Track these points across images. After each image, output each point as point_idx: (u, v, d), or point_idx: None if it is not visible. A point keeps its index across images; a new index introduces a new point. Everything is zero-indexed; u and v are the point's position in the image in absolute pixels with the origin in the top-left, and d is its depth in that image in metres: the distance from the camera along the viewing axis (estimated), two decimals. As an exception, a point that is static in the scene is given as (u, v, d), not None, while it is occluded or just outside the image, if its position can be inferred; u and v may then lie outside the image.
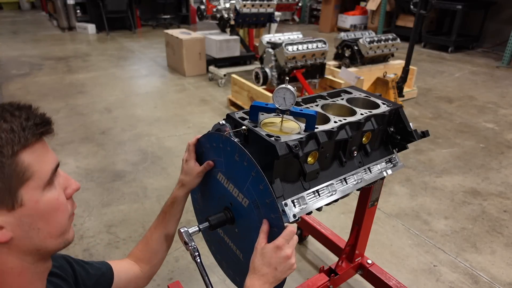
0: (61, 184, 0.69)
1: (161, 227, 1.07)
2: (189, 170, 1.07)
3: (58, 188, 0.68)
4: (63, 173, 0.71)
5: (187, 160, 1.09)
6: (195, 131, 3.53)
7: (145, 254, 1.08)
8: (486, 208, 2.51)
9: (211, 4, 5.05)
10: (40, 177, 0.63)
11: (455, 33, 6.73)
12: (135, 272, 1.06)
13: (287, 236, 0.87)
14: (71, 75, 5.14)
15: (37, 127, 0.63)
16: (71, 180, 0.73)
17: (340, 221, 2.34)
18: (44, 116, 0.65)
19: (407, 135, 1.25)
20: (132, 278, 1.05)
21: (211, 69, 5.05)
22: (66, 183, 0.71)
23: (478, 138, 3.53)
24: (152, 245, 1.08)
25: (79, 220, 2.30)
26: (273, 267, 0.85)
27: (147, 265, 1.08)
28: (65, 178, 0.71)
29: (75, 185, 0.73)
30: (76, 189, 0.73)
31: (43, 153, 0.65)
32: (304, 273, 1.98)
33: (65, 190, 0.70)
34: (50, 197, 0.65)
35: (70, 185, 0.72)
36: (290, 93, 0.97)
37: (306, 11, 9.97)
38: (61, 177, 0.70)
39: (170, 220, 1.07)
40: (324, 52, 3.77)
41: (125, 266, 1.05)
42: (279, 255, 0.85)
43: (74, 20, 8.26)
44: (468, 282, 1.92)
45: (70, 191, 0.71)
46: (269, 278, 0.85)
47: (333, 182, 1.11)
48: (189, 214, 2.35)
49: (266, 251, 0.86)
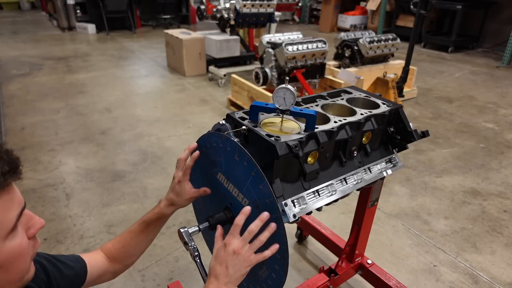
0: (23, 225, 0.64)
1: (142, 236, 1.06)
2: (182, 192, 1.03)
3: (21, 232, 0.62)
4: (26, 211, 0.65)
5: (179, 181, 1.02)
6: (195, 131, 3.53)
7: (120, 255, 1.06)
8: (486, 208, 2.51)
9: (211, 4, 5.05)
10: (2, 228, 0.58)
11: (455, 33, 6.74)
12: (105, 267, 1.05)
13: (233, 230, 0.86)
14: (71, 75, 5.14)
15: (4, 177, 0.56)
16: (35, 218, 0.67)
17: (340, 221, 2.34)
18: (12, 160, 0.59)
19: (407, 135, 1.25)
20: (102, 273, 1.04)
21: (211, 69, 5.05)
22: (29, 222, 0.66)
23: (478, 138, 3.53)
24: (129, 249, 1.06)
25: (79, 220, 2.30)
26: (224, 266, 0.84)
27: (119, 264, 1.08)
28: (29, 217, 0.66)
29: (39, 223, 0.67)
30: (40, 227, 0.68)
31: (8, 200, 0.59)
32: (304, 273, 1.98)
33: (27, 230, 0.65)
34: (12, 246, 0.60)
35: (33, 224, 0.66)
36: (290, 93, 0.97)
37: (306, 11, 9.98)
38: (24, 217, 0.64)
39: (152, 231, 1.06)
40: (324, 52, 3.77)
41: (98, 262, 1.03)
42: (227, 252, 0.84)
43: (74, 20, 8.26)
44: (468, 282, 1.92)
45: (33, 231, 0.66)
46: (222, 278, 0.83)
47: (333, 182, 1.11)
48: (189, 214, 2.35)
49: (216, 252, 0.86)
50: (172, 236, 2.18)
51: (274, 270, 0.96)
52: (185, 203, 1.05)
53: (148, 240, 1.08)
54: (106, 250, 1.07)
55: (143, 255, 1.12)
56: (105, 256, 1.06)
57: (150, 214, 1.05)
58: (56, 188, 2.61)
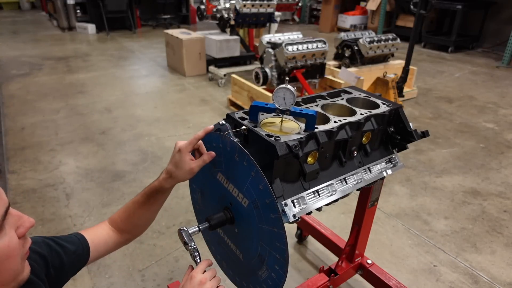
0: (12, 224, 0.63)
1: (145, 208, 1.03)
2: (181, 162, 0.95)
3: (9, 231, 0.61)
4: (14, 211, 0.64)
5: (180, 150, 0.95)
6: (195, 131, 3.51)
7: (126, 226, 1.06)
8: (486, 208, 2.51)
9: (211, 4, 5.05)
10: None
11: (455, 33, 6.73)
12: (112, 240, 1.05)
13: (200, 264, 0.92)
14: (71, 75, 5.14)
15: None
16: (24, 217, 0.66)
17: (340, 221, 2.34)
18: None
19: (407, 135, 1.25)
20: (110, 246, 1.04)
21: (211, 69, 5.05)
22: (18, 222, 0.65)
23: (478, 138, 3.53)
24: (135, 220, 1.05)
25: (79, 220, 2.30)
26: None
27: (128, 234, 1.08)
28: (17, 217, 0.65)
29: (28, 222, 0.66)
30: (30, 226, 0.67)
31: None
32: (304, 273, 1.98)
33: (17, 230, 0.64)
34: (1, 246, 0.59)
35: (22, 223, 0.65)
36: (290, 93, 0.97)
37: (306, 11, 9.97)
38: (12, 217, 0.63)
39: (154, 204, 1.03)
40: (324, 52, 3.77)
41: (103, 237, 1.03)
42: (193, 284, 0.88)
43: (74, 20, 8.26)
44: (468, 282, 1.92)
45: (23, 230, 0.65)
46: None
47: (333, 182, 1.11)
48: (189, 214, 2.35)
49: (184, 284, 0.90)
50: (172, 236, 2.18)
51: (274, 270, 0.96)
52: (185, 177, 0.96)
53: (151, 212, 1.05)
54: (113, 222, 1.07)
55: (143, 255, 1.13)
56: (112, 228, 1.06)
57: (150, 186, 1.01)
58: (56, 188, 2.61)
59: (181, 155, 0.95)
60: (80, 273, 0.97)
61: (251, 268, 1.05)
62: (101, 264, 1.97)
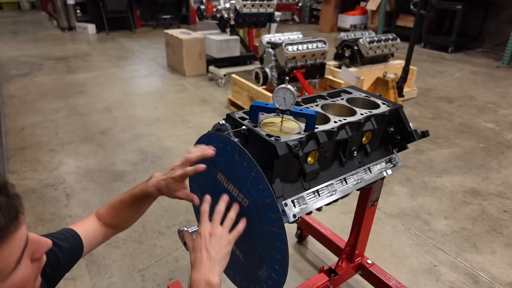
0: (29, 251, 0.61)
1: (133, 209, 1.03)
2: (172, 187, 0.96)
3: (25, 261, 0.60)
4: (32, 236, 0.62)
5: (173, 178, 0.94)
6: (195, 131, 3.53)
7: (115, 222, 1.05)
8: (486, 208, 2.51)
9: (211, 4, 5.05)
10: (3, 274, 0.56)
11: (455, 33, 6.74)
12: (101, 234, 1.05)
13: (202, 217, 0.90)
14: (71, 75, 5.14)
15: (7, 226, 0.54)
16: (41, 241, 0.64)
17: (340, 221, 2.34)
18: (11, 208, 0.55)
19: (407, 135, 1.25)
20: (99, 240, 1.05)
21: (211, 69, 5.05)
22: (35, 247, 0.63)
23: (478, 138, 3.53)
24: (122, 217, 1.05)
25: (79, 220, 2.30)
26: (204, 250, 0.85)
27: (117, 229, 1.08)
28: (34, 243, 0.63)
29: (45, 246, 0.65)
30: (46, 249, 0.66)
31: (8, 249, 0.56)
32: (304, 273, 1.98)
33: (32, 255, 0.63)
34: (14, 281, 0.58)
35: (39, 248, 0.64)
36: (290, 93, 0.97)
37: (306, 11, 9.97)
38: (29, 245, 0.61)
39: (142, 206, 1.04)
40: (324, 52, 3.77)
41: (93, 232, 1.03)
42: (203, 237, 0.86)
43: (74, 20, 8.26)
44: (468, 282, 1.92)
45: (38, 255, 0.64)
46: (206, 263, 0.84)
47: (333, 182, 1.11)
48: (189, 214, 2.35)
49: (192, 246, 0.88)
50: (172, 236, 2.18)
51: (274, 270, 0.96)
52: (171, 197, 0.98)
53: (139, 212, 1.06)
54: (101, 217, 1.06)
55: (143, 255, 1.13)
56: (100, 222, 1.06)
57: (138, 189, 0.99)
58: (56, 188, 2.61)
59: (174, 182, 0.95)
60: (80, 273, 0.98)
61: (251, 268, 1.05)
62: (101, 264, 1.97)
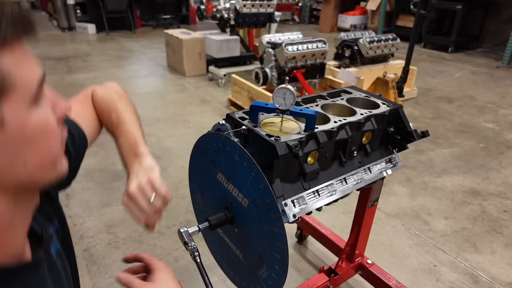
0: (48, 101, 0.55)
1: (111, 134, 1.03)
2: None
3: (46, 108, 0.53)
4: (48, 89, 0.56)
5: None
6: (195, 131, 3.53)
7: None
8: (486, 208, 2.51)
9: (211, 4, 5.05)
10: (25, 89, 0.48)
11: (455, 33, 6.73)
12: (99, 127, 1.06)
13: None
14: (71, 75, 5.14)
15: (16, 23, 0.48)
16: (59, 97, 0.58)
17: (340, 221, 2.34)
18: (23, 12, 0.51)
19: (407, 135, 1.25)
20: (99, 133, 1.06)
21: (211, 69, 5.05)
22: (54, 101, 0.56)
23: (478, 138, 3.53)
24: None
25: (79, 220, 2.30)
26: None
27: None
28: (52, 95, 0.56)
29: (64, 105, 0.58)
30: (67, 109, 0.58)
31: (25, 58, 0.50)
32: (304, 273, 1.98)
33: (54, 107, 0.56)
34: (39, 118, 0.51)
35: (58, 104, 0.57)
36: (290, 93, 0.97)
37: (306, 11, 9.97)
38: (47, 92, 0.55)
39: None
40: (324, 52, 3.77)
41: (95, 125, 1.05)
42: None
43: (74, 20, 8.25)
44: (468, 282, 1.92)
45: (60, 113, 0.57)
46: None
47: (333, 182, 1.11)
48: (189, 214, 2.35)
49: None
50: (172, 236, 2.18)
51: (274, 270, 0.96)
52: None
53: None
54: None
55: (143, 255, 1.12)
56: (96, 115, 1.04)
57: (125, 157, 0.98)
58: (56, 188, 2.61)
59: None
60: (80, 273, 0.97)
61: (251, 268, 1.05)
62: (101, 264, 1.97)
